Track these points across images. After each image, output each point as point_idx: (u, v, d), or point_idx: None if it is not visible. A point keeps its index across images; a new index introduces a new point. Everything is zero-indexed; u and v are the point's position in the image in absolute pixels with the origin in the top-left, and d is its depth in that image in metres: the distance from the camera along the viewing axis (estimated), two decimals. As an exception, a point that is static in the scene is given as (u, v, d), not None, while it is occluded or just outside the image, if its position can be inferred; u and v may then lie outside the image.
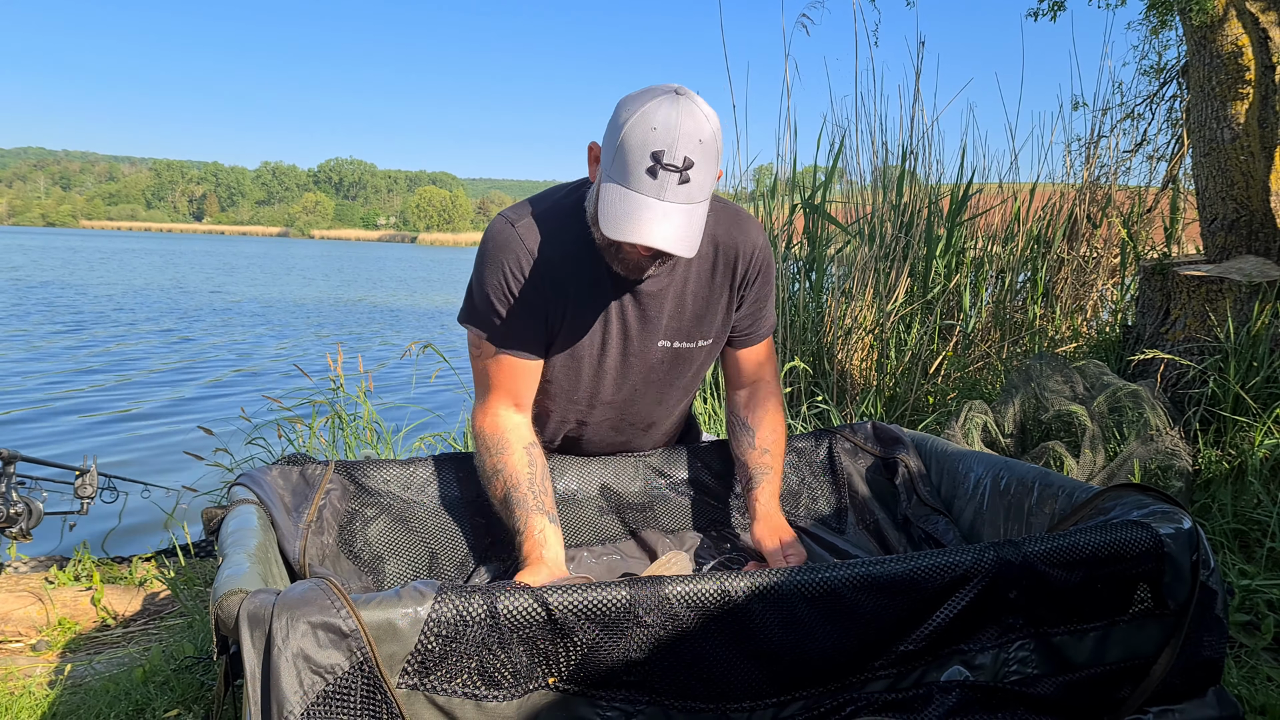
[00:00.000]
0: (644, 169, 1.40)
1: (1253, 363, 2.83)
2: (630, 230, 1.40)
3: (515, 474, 1.67)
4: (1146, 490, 1.49)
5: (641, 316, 1.70)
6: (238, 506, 1.48)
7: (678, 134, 1.40)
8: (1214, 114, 3.40)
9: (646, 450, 2.00)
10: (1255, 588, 2.13)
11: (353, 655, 1.00)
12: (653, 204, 1.40)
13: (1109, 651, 1.35)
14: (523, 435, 1.73)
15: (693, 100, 1.44)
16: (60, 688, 1.97)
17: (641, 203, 1.40)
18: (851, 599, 1.22)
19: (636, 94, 1.47)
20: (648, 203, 1.40)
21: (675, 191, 1.41)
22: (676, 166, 1.40)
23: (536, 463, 1.71)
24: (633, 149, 1.41)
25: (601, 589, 1.14)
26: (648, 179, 1.40)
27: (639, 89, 1.49)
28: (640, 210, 1.40)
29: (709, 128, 1.43)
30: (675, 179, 1.40)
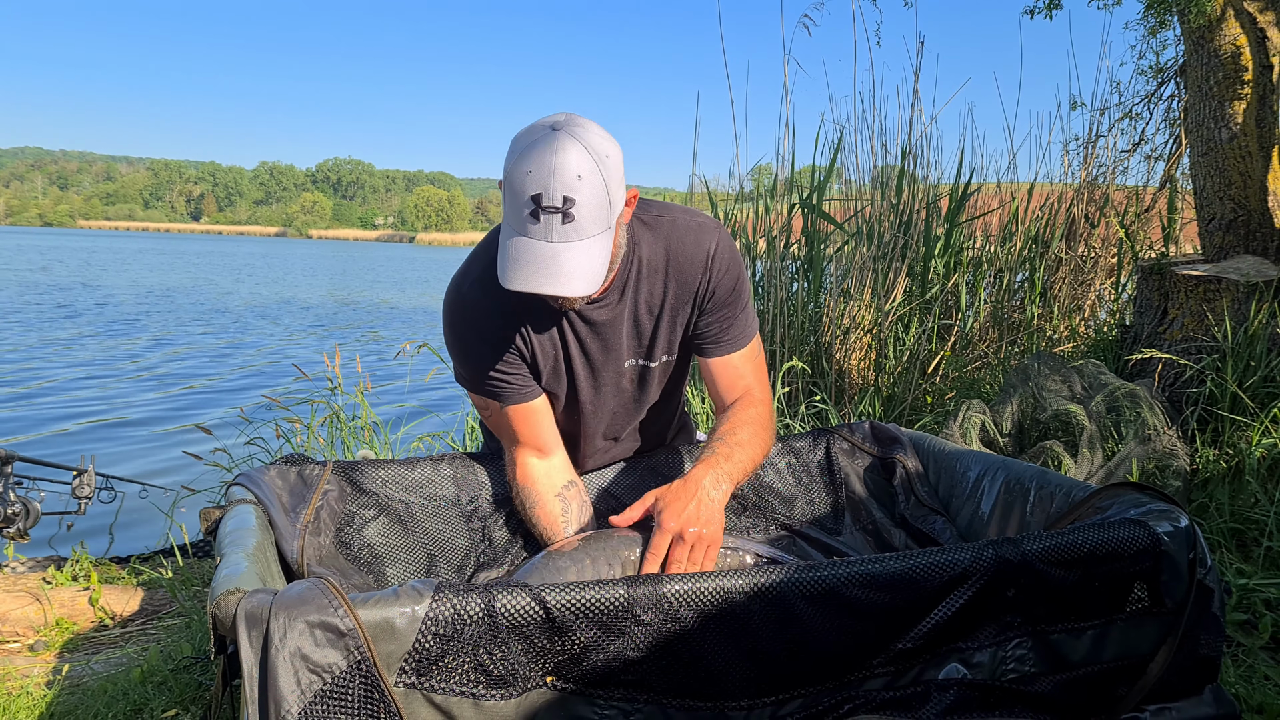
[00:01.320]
0: (527, 213, 1.37)
1: (1250, 362, 2.83)
2: (521, 279, 1.38)
3: (551, 527, 1.74)
4: (1144, 489, 1.50)
5: (602, 345, 1.69)
6: (235, 506, 1.48)
7: (553, 173, 1.36)
8: (1212, 114, 3.40)
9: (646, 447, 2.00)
10: (1253, 587, 2.13)
11: (350, 654, 1.00)
12: (539, 247, 1.37)
13: (1106, 650, 1.35)
14: (553, 482, 1.76)
15: (570, 133, 1.39)
16: (58, 688, 1.96)
17: (528, 247, 1.38)
18: (850, 597, 1.22)
19: (522, 132, 1.45)
20: (534, 246, 1.38)
21: (561, 231, 1.37)
22: (556, 207, 1.36)
23: (571, 507, 1.76)
24: (515, 194, 1.39)
25: (599, 587, 1.14)
26: (531, 222, 1.37)
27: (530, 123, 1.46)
28: (527, 255, 1.38)
29: (588, 160, 1.38)
30: (558, 219, 1.37)
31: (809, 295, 4.53)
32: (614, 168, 1.42)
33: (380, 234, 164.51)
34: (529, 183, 1.37)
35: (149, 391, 8.71)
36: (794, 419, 3.72)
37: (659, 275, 1.67)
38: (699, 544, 1.51)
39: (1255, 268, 3.17)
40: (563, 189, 1.36)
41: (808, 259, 4.60)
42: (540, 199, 1.36)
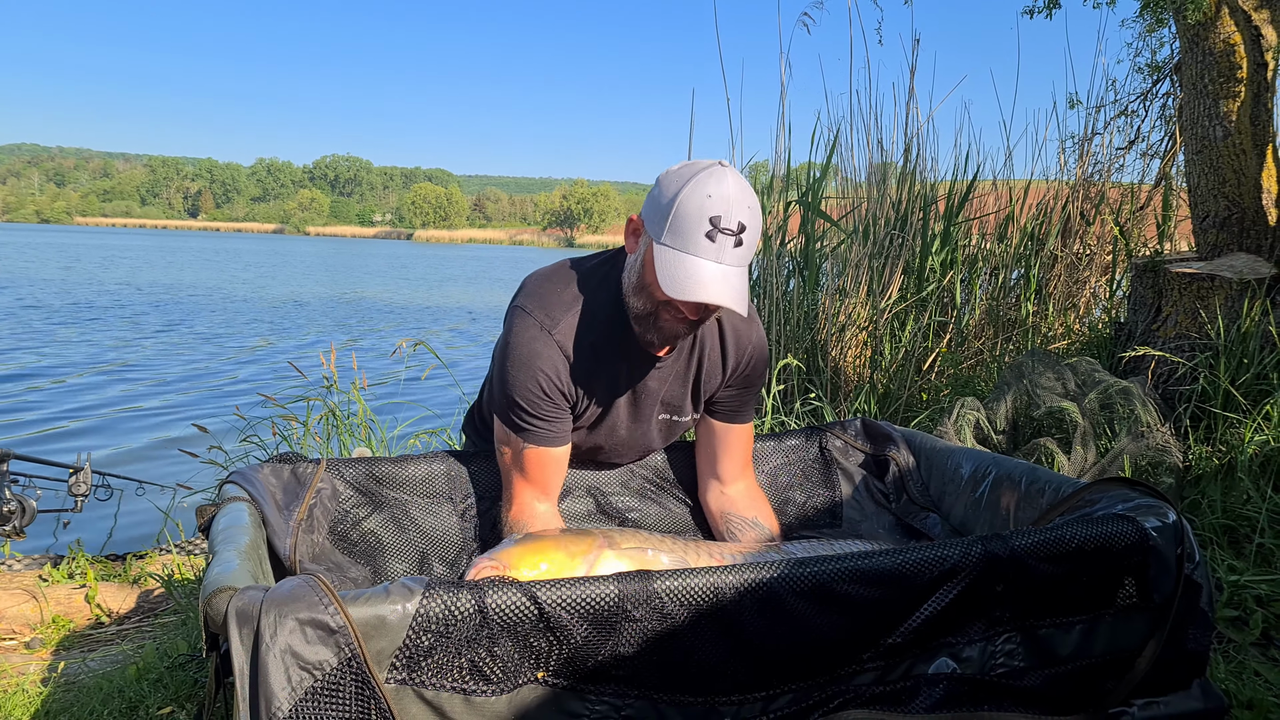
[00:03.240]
0: (702, 233, 1.49)
1: (1243, 359, 2.84)
2: (693, 290, 1.48)
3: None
4: (1133, 484, 1.50)
5: (646, 392, 1.81)
6: (229, 504, 1.49)
7: (732, 200, 1.50)
8: (1206, 112, 3.41)
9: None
10: (1244, 583, 2.14)
11: (341, 651, 1.01)
12: (711, 266, 1.49)
13: (1094, 644, 1.36)
14: (549, 525, 1.79)
15: (737, 172, 1.55)
16: (54, 685, 1.97)
17: (701, 265, 1.49)
18: (840, 592, 1.23)
19: (680, 166, 1.58)
20: (706, 265, 1.49)
21: (731, 254, 1.50)
22: (733, 230, 1.49)
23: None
24: (689, 215, 1.49)
25: (590, 584, 1.15)
26: (706, 242, 1.49)
27: (679, 163, 1.59)
28: (700, 272, 1.49)
29: (755, 199, 1.54)
30: (731, 242, 1.49)
31: (805, 292, 4.53)
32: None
33: (378, 231, 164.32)
34: (709, 205, 1.49)
35: (146, 389, 8.71)
36: (789, 416, 3.73)
37: (716, 344, 1.82)
38: None
39: (1249, 265, 3.18)
40: (739, 215, 1.50)
41: (803, 256, 4.60)
42: (719, 221, 1.48)
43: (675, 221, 1.51)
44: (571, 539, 1.58)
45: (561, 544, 1.54)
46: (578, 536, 1.59)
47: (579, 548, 1.55)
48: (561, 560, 1.51)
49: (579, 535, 1.60)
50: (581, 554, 1.54)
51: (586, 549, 1.56)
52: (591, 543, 1.58)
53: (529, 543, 1.53)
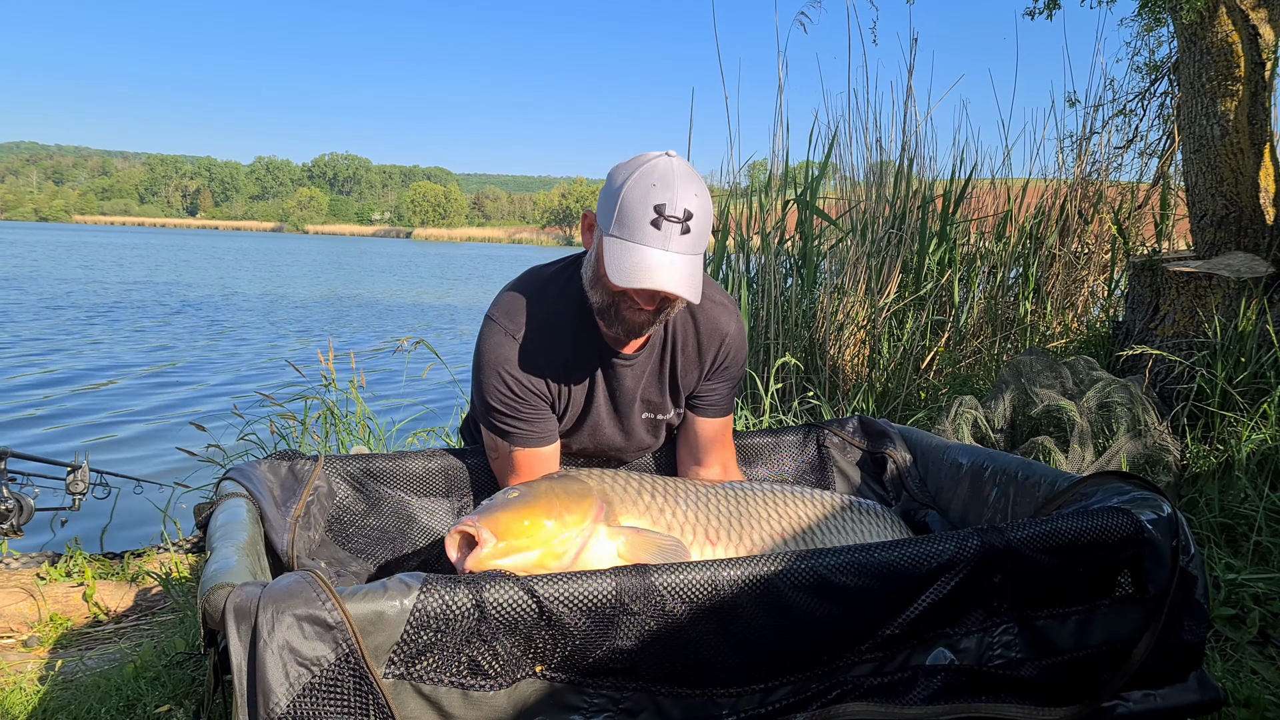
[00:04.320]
0: (648, 221, 1.50)
1: (1240, 358, 2.85)
2: (639, 277, 1.49)
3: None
4: (1128, 478, 1.51)
5: (623, 391, 1.82)
6: (227, 500, 1.49)
7: (677, 188, 1.51)
8: (1204, 111, 3.41)
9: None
10: (1241, 581, 2.15)
11: (338, 647, 1.01)
12: (657, 254, 1.50)
13: (1091, 635, 1.36)
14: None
15: (684, 162, 1.57)
16: (51, 683, 1.97)
17: (646, 253, 1.50)
18: (838, 585, 1.24)
19: (629, 160, 1.59)
20: (652, 252, 1.50)
21: (678, 241, 1.51)
22: (678, 217, 1.50)
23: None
24: (634, 204, 1.51)
25: (589, 579, 1.15)
26: (652, 230, 1.50)
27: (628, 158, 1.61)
28: (646, 259, 1.50)
29: (703, 187, 1.55)
30: (678, 229, 1.51)
31: (803, 291, 4.53)
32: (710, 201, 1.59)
33: (377, 229, 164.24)
34: (653, 194, 1.51)
35: (144, 387, 8.70)
36: (787, 415, 3.73)
37: (691, 337, 1.83)
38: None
39: (1246, 264, 3.18)
40: (684, 202, 1.51)
41: (802, 255, 4.61)
42: (664, 209, 1.50)
43: (621, 212, 1.52)
44: (566, 503, 1.46)
45: (554, 511, 1.44)
46: (573, 501, 1.48)
47: (573, 517, 1.45)
48: (551, 533, 1.42)
49: (574, 499, 1.48)
50: (575, 525, 1.45)
51: (580, 519, 1.46)
52: (586, 510, 1.48)
53: (519, 507, 1.42)
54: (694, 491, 1.70)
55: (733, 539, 1.64)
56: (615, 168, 1.60)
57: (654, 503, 1.60)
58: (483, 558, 1.34)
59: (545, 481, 1.54)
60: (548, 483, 1.52)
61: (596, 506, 1.50)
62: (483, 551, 1.34)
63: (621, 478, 1.64)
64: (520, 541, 1.38)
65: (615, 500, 1.56)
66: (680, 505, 1.63)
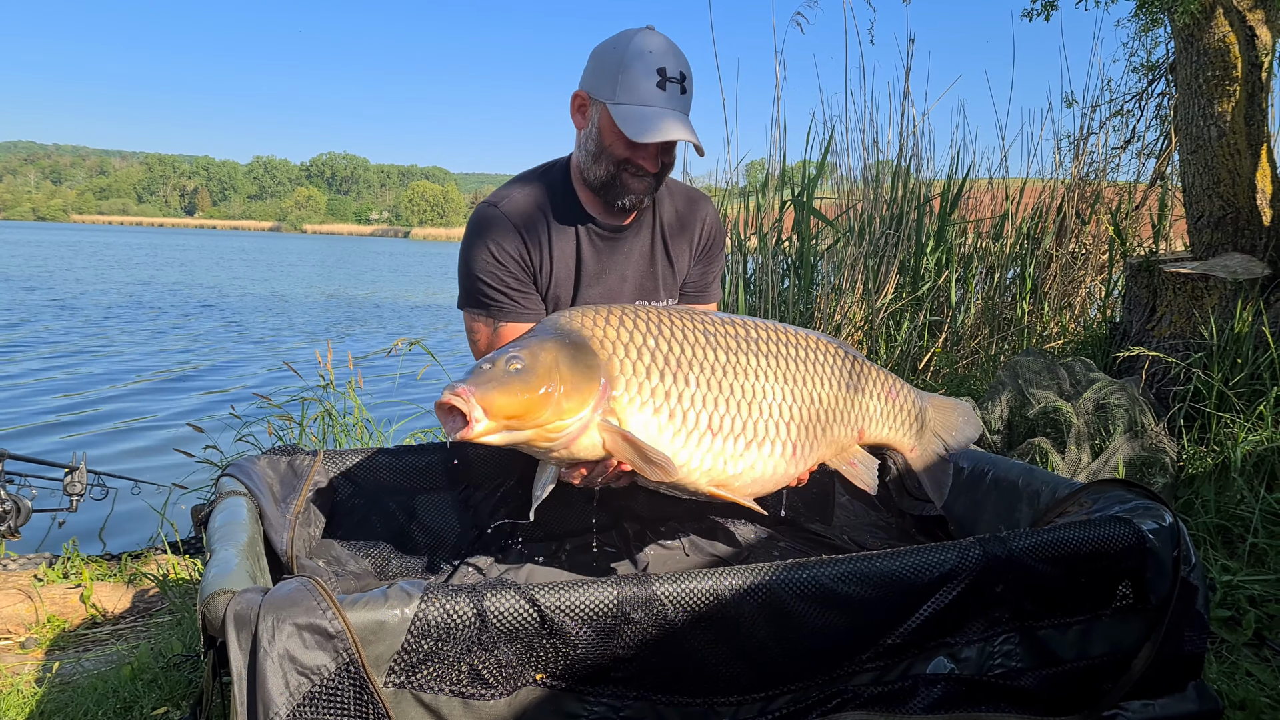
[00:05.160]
0: (653, 84, 1.64)
1: (1236, 359, 2.85)
2: (659, 131, 1.61)
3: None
4: (1130, 486, 1.51)
5: (614, 273, 1.86)
6: (226, 499, 1.48)
7: (670, 54, 1.67)
8: (1201, 111, 3.42)
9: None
10: (1237, 583, 2.15)
11: (339, 656, 1.01)
12: (666, 112, 1.64)
13: (1091, 645, 1.37)
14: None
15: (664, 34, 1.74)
16: (48, 685, 1.97)
17: (659, 112, 1.63)
18: (839, 595, 1.23)
19: (613, 37, 1.71)
20: (662, 112, 1.64)
21: (680, 100, 1.66)
22: (677, 79, 1.66)
23: None
24: (638, 74, 1.64)
25: (590, 588, 1.15)
26: (658, 92, 1.64)
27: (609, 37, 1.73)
28: (660, 117, 1.63)
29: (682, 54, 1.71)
30: (678, 90, 1.66)
31: (800, 291, 4.54)
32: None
33: (375, 229, 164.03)
34: (653, 60, 1.65)
35: (148, 388, 8.68)
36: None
37: (674, 225, 1.92)
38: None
39: (1243, 265, 3.19)
40: (680, 66, 1.67)
41: (799, 255, 4.61)
42: (665, 72, 1.64)
43: (625, 80, 1.64)
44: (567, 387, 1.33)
45: (552, 397, 1.31)
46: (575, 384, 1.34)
47: (570, 404, 1.32)
48: (546, 420, 1.31)
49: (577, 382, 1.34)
50: (572, 414, 1.33)
51: (578, 406, 1.33)
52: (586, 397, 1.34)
53: (517, 387, 1.29)
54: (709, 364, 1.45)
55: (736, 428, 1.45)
56: (601, 47, 1.71)
57: (660, 385, 1.41)
58: (473, 436, 1.26)
59: (554, 346, 1.37)
60: (555, 349, 1.36)
61: (599, 392, 1.36)
62: (474, 430, 1.25)
63: (637, 340, 1.43)
64: (513, 423, 1.29)
65: (621, 381, 1.39)
66: (690, 387, 1.43)
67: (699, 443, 1.43)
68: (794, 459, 1.53)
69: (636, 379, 1.40)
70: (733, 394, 1.47)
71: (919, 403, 1.74)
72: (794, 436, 1.53)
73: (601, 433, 1.36)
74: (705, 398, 1.44)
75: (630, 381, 1.39)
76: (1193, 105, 3.43)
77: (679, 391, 1.42)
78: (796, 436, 1.53)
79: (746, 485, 1.49)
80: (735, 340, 1.51)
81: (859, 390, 1.64)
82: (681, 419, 1.41)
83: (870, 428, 1.67)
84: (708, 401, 1.44)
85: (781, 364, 1.53)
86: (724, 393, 1.46)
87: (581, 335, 1.41)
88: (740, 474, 1.47)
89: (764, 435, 1.49)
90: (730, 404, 1.46)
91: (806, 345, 1.59)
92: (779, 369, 1.52)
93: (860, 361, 1.66)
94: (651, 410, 1.40)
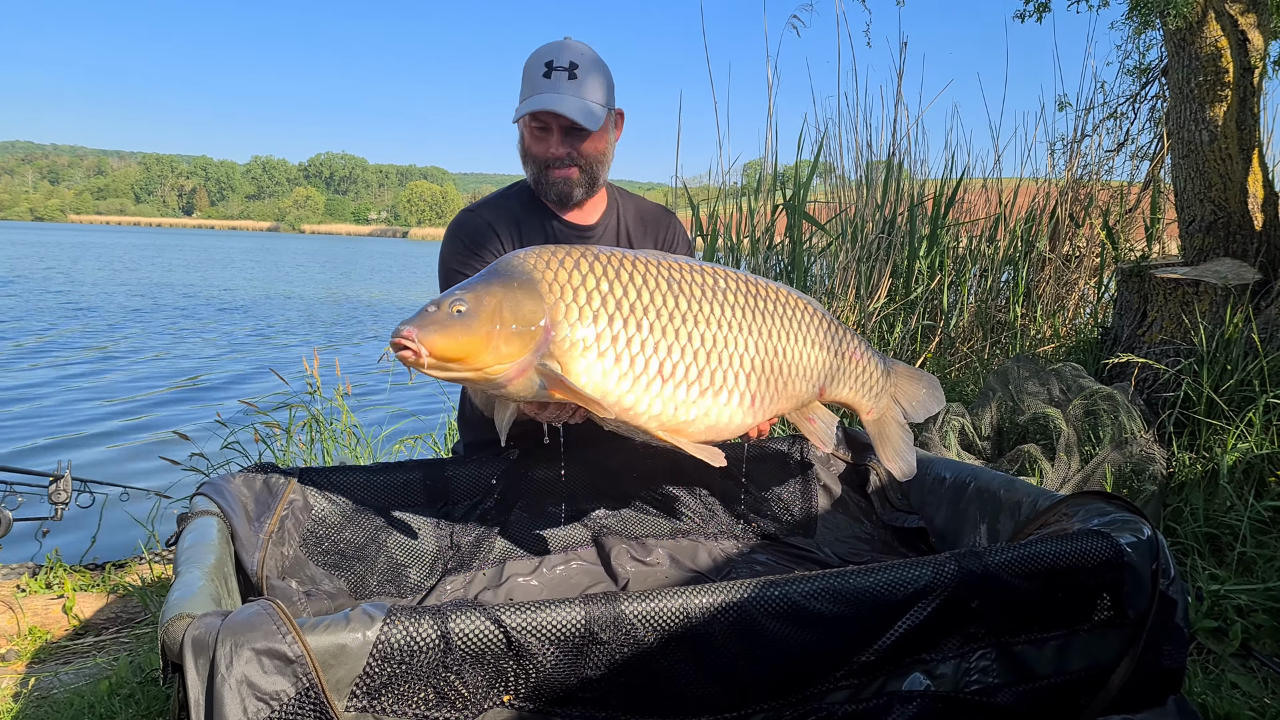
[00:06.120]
0: (540, 75, 1.79)
1: (1226, 366, 2.84)
2: (535, 106, 1.75)
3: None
4: (1110, 498, 1.50)
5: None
6: (196, 519, 1.47)
7: (561, 50, 1.81)
8: (1193, 116, 3.40)
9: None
10: (1224, 593, 2.14)
11: (298, 681, 0.99)
12: (548, 95, 1.77)
13: (1069, 660, 1.35)
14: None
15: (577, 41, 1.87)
16: (24, 700, 1.95)
17: (539, 97, 1.77)
18: (812, 612, 1.22)
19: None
20: (543, 96, 1.77)
21: (567, 85, 1.78)
22: (564, 68, 1.78)
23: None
24: (529, 70, 1.81)
25: (557, 608, 1.13)
26: (544, 81, 1.78)
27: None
28: (540, 98, 1.77)
29: (590, 49, 1.83)
30: (565, 75, 1.78)
31: (793, 295, 4.52)
32: (607, 70, 1.86)
33: (373, 229, 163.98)
34: (542, 55, 1.80)
35: (131, 392, 8.65)
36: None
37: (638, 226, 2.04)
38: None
39: (1234, 271, 3.17)
40: (569, 57, 1.79)
41: (792, 259, 4.59)
42: (552, 64, 1.78)
43: (524, 85, 1.82)
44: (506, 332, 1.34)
45: (492, 341, 1.33)
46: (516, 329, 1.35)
47: (510, 349, 1.34)
48: (486, 363, 1.34)
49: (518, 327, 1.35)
50: (511, 359, 1.35)
51: (518, 351, 1.35)
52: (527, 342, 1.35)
53: (458, 331, 1.32)
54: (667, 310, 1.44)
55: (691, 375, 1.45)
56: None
57: (608, 330, 1.40)
58: (420, 369, 1.33)
59: (499, 289, 1.38)
60: (500, 293, 1.37)
61: (540, 337, 1.37)
62: (419, 369, 1.33)
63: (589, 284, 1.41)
64: (454, 364, 1.35)
65: (564, 325, 1.38)
66: (641, 332, 1.42)
67: (648, 387, 1.43)
68: (752, 409, 1.54)
69: (582, 323, 1.40)
70: (690, 341, 1.46)
71: (883, 366, 1.75)
72: (753, 388, 1.53)
73: (540, 375, 1.38)
74: (659, 344, 1.44)
75: (575, 326, 1.40)
76: (1184, 110, 3.42)
77: (629, 336, 1.42)
78: (756, 388, 1.54)
79: (700, 432, 1.50)
80: (700, 289, 1.50)
81: (824, 348, 1.65)
82: (630, 363, 1.42)
83: (832, 386, 1.67)
84: (660, 348, 1.44)
85: (747, 315, 1.53)
86: (680, 340, 1.46)
87: (531, 278, 1.41)
88: (694, 420, 1.48)
89: (721, 384, 1.49)
90: (687, 351, 1.46)
91: (776, 299, 1.59)
92: (743, 320, 1.52)
93: (828, 320, 1.67)
94: (596, 354, 1.40)
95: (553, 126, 1.82)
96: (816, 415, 1.70)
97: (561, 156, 1.83)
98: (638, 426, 1.45)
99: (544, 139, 1.82)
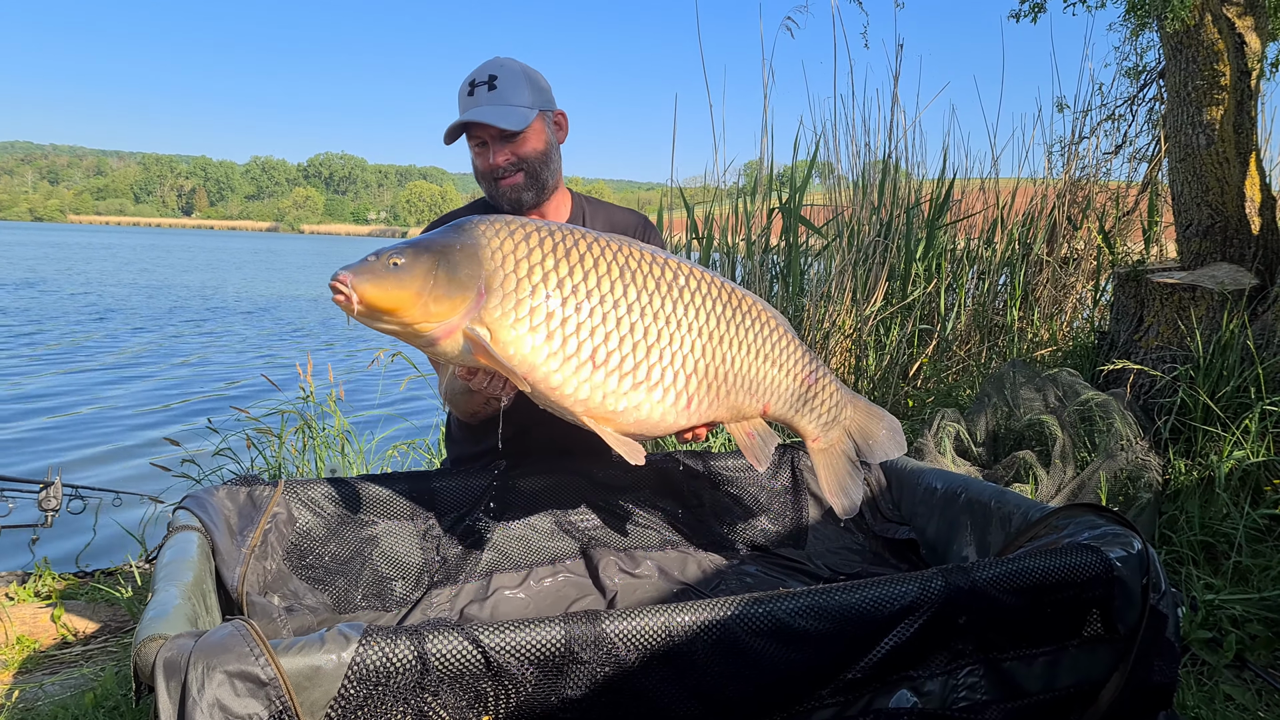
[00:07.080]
0: (465, 95, 1.89)
1: (1223, 372, 2.82)
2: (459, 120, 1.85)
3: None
4: (1100, 511, 1.48)
5: None
6: (177, 534, 1.45)
7: (484, 67, 1.91)
8: (1190, 119, 3.38)
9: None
10: (1219, 603, 2.12)
11: (271, 704, 0.98)
12: (471, 110, 1.86)
13: (1059, 677, 1.34)
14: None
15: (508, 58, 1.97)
16: (8, 713, 1.93)
17: (465, 114, 1.87)
18: (797, 630, 1.20)
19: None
20: (468, 111, 1.87)
21: (487, 97, 1.87)
22: (484, 82, 1.88)
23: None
24: (459, 96, 1.91)
25: (536, 627, 1.12)
26: (468, 99, 1.88)
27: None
28: (465, 114, 1.86)
29: (512, 61, 1.93)
30: (485, 89, 1.87)
31: (789, 298, 4.51)
32: (537, 76, 1.94)
33: (373, 229, 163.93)
34: (466, 79, 1.91)
35: (123, 397, 8.63)
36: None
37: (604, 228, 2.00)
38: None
39: (1230, 276, 3.16)
40: (489, 71, 1.89)
41: (787, 262, 4.58)
42: (474, 81, 1.89)
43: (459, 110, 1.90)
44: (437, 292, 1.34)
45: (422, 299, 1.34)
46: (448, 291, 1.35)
47: (439, 309, 1.35)
48: (413, 319, 1.35)
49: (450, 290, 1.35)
50: (439, 319, 1.35)
51: (447, 313, 1.35)
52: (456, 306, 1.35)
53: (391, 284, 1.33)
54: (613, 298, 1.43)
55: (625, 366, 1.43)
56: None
57: (543, 306, 1.39)
58: (351, 314, 1.34)
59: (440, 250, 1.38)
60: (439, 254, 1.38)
61: (471, 302, 1.37)
62: (350, 313, 1.34)
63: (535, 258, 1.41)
64: (384, 314, 1.35)
65: (499, 294, 1.38)
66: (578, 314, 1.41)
67: (577, 370, 1.42)
68: (686, 411, 1.52)
69: (517, 295, 1.39)
70: (631, 332, 1.45)
71: (839, 397, 1.71)
72: (691, 389, 1.51)
73: (466, 340, 1.38)
74: (595, 329, 1.42)
75: (509, 296, 1.39)
76: (1181, 113, 3.40)
77: (565, 316, 1.40)
78: (695, 390, 1.52)
79: (628, 425, 1.47)
80: (656, 281, 1.48)
81: (777, 365, 1.63)
82: (561, 343, 1.40)
83: (776, 405, 1.65)
84: (596, 332, 1.42)
85: (699, 316, 1.51)
86: (621, 328, 1.44)
87: (476, 243, 1.41)
88: (622, 411, 1.45)
89: (657, 380, 1.47)
90: (626, 341, 1.44)
91: (738, 307, 1.57)
92: (694, 320, 1.50)
93: (790, 338, 1.64)
94: (528, 328, 1.38)
95: (487, 139, 1.88)
96: (756, 430, 1.67)
97: (502, 165, 1.88)
98: (564, 408, 1.44)
99: (483, 153, 1.90)
